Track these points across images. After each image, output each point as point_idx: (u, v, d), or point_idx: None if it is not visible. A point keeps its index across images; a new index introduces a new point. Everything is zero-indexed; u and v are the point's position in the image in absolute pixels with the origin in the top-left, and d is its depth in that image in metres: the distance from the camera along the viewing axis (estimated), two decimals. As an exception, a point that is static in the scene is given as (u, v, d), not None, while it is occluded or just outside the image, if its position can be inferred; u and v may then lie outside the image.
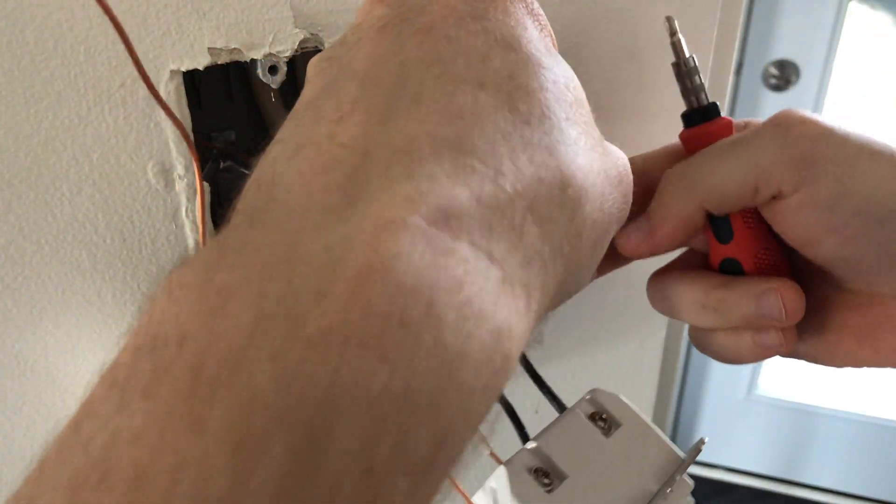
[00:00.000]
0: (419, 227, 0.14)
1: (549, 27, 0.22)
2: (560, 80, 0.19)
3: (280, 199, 0.15)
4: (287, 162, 0.16)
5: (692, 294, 0.29)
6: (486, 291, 0.14)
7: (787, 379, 1.58)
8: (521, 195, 0.16)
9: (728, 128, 0.30)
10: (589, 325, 0.44)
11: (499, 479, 0.26)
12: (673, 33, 0.30)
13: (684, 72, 0.30)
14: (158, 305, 0.13)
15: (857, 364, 0.29)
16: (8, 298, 0.28)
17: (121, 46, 0.26)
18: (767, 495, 1.62)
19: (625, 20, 0.35)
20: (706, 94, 0.30)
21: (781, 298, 0.27)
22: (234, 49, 0.28)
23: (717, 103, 0.30)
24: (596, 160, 0.19)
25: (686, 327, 0.35)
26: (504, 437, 0.27)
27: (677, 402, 1.62)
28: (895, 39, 1.25)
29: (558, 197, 0.17)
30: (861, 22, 1.25)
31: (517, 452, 0.27)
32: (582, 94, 0.21)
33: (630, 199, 0.22)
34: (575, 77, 0.21)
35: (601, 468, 0.27)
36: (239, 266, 0.13)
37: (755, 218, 0.29)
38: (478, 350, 0.13)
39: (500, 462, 0.26)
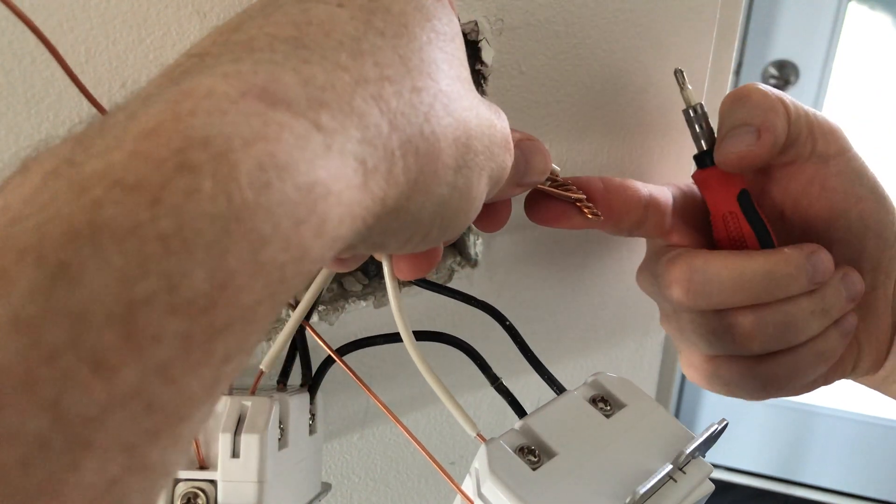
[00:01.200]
0: (226, 93, 0.14)
1: None
2: (428, 8, 0.20)
3: (120, 103, 0.15)
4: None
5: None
6: (300, 149, 0.15)
7: (786, 379, 1.57)
8: (362, 85, 0.17)
9: None
10: (588, 326, 0.44)
11: (480, 457, 0.25)
12: (682, 84, 0.33)
13: (693, 118, 0.33)
14: None
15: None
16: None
17: (121, 46, 0.26)
18: (767, 495, 1.62)
19: (625, 21, 0.35)
20: (715, 137, 0.33)
21: (821, 252, 0.32)
22: (235, 49, 0.28)
23: None
24: (459, 90, 0.20)
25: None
26: (506, 428, 0.27)
27: (677, 402, 1.62)
28: (894, 40, 1.26)
29: (408, 97, 0.18)
30: (860, 22, 1.25)
31: (504, 432, 0.26)
32: (455, 33, 0.21)
33: (508, 157, 0.23)
34: (454, 20, 0.21)
35: (596, 447, 0.26)
36: (52, 148, 0.14)
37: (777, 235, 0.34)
38: (277, 202, 0.14)
39: (484, 441, 0.26)
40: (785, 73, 1.29)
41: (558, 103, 0.35)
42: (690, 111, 0.33)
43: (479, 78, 0.33)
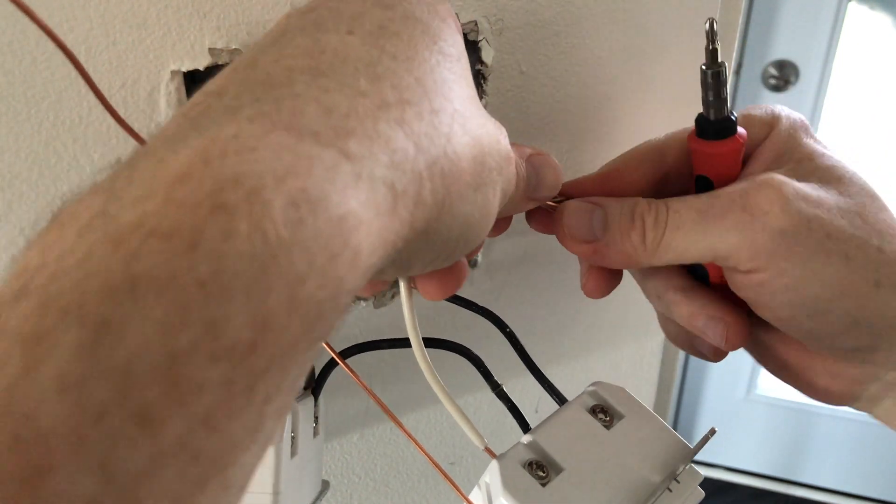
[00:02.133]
0: (253, 133, 0.14)
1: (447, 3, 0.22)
2: (434, 31, 0.20)
3: (147, 144, 0.15)
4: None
5: (656, 283, 0.31)
6: (330, 182, 0.14)
7: (786, 379, 1.57)
8: (384, 110, 0.17)
9: (736, 152, 0.28)
10: (589, 326, 0.44)
11: (492, 473, 0.25)
12: (713, 41, 0.27)
13: (710, 83, 0.27)
14: (26, 254, 0.14)
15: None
16: (9, 298, 0.28)
17: (122, 46, 0.26)
18: (766, 495, 1.62)
19: (625, 21, 0.35)
20: (727, 108, 0.28)
21: (727, 330, 0.28)
22: (235, 49, 0.28)
23: (735, 119, 0.28)
24: (470, 108, 0.20)
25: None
26: (507, 435, 0.27)
27: (676, 402, 1.62)
28: (894, 40, 1.26)
29: (429, 119, 0.18)
30: (860, 22, 1.25)
31: (512, 446, 0.26)
32: (461, 53, 0.21)
33: (513, 170, 0.23)
34: (460, 40, 0.22)
35: (600, 460, 0.26)
36: (83, 200, 0.14)
37: None
38: (311, 237, 0.14)
39: (494, 456, 0.26)
40: (785, 74, 1.29)
41: (558, 103, 0.35)
42: (714, 73, 0.27)
43: (479, 78, 0.33)
